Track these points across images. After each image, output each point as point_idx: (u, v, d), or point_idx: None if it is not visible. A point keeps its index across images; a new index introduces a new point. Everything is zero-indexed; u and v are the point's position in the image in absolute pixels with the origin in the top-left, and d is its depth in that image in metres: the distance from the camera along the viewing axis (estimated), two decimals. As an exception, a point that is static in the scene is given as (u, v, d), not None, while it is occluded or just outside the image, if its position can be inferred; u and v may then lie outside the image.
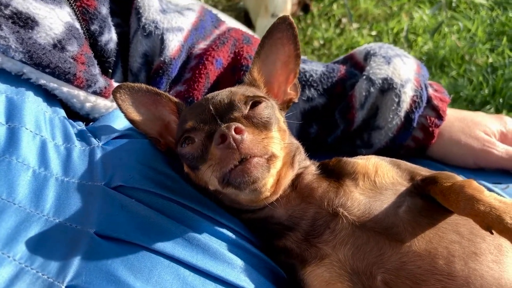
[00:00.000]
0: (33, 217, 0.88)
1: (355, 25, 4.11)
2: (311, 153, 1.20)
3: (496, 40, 3.67)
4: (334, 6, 4.33)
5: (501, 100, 3.16)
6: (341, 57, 1.62)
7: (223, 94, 1.07)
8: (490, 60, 3.48)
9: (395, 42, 3.89)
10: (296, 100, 1.24)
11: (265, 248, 1.10)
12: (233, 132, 0.90)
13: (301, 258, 1.03)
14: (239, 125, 0.92)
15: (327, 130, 1.47)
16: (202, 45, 1.44)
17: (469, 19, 3.91)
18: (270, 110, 1.05)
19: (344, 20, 4.20)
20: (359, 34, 3.99)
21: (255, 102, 1.04)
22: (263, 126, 1.01)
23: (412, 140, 1.44)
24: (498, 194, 1.04)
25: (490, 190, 1.11)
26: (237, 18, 3.34)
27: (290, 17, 1.14)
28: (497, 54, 3.53)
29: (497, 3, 4.06)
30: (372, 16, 4.18)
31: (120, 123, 1.20)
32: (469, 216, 0.91)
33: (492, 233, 0.87)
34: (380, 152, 1.45)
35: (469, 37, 3.74)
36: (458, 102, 3.20)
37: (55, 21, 1.11)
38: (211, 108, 1.03)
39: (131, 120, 1.15)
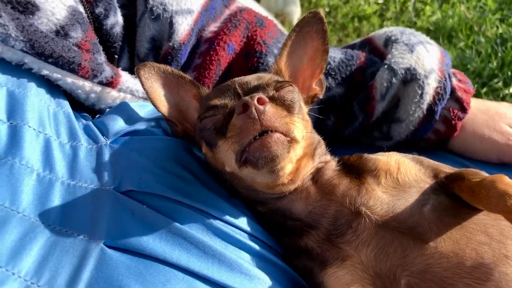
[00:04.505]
0: (38, 227, 0.82)
1: (361, -7, 3.97)
2: (327, 146, 1.15)
3: (507, 10, 3.56)
4: (340, -29, 4.18)
5: (509, 73, 3.06)
6: (358, 40, 1.53)
7: (251, 76, 1.07)
8: (500, 31, 3.37)
9: (402, 11, 3.77)
10: (320, 96, 1.22)
11: (284, 250, 1.05)
12: (256, 102, 0.87)
13: (322, 258, 0.98)
14: (262, 96, 0.89)
15: (345, 122, 1.41)
16: (213, 27, 1.36)
17: (479, -13, 3.79)
18: (295, 95, 1.02)
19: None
20: (365, 2, 3.86)
21: (282, 86, 1.02)
22: (287, 109, 0.97)
23: (433, 133, 1.38)
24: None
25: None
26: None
27: (321, 12, 1.12)
28: (507, 25, 3.42)
29: (508, -30, 3.93)
30: (379, -17, 4.05)
31: (129, 116, 1.13)
32: (502, 213, 0.85)
33: None
34: (400, 144, 1.40)
35: (479, 6, 3.63)
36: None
37: (57, 5, 1.04)
38: (237, 87, 1.01)
39: (152, 100, 1.11)
